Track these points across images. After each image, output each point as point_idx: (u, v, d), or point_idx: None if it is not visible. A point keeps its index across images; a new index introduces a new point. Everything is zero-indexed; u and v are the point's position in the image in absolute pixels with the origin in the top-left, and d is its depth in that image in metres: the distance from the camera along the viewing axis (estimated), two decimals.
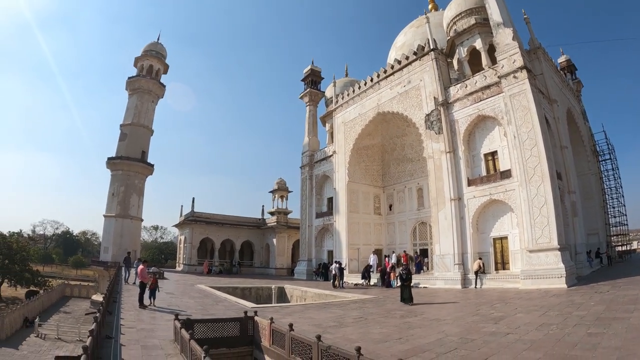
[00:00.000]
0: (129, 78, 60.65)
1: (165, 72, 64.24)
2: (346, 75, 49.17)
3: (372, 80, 35.80)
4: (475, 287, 24.34)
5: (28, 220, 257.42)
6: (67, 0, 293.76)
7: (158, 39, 64.62)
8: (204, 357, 7.96)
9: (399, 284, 20.20)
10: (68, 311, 48.98)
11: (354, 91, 38.35)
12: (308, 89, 47.31)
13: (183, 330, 10.91)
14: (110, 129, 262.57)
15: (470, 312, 15.76)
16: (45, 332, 34.35)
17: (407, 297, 18.76)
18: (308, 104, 47.20)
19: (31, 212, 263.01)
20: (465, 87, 27.23)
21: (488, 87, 25.71)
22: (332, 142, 41.57)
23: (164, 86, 63.22)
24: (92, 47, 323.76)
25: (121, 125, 59.75)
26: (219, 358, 9.04)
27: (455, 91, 27.93)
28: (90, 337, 8.60)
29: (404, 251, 33.68)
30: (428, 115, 29.19)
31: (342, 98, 39.96)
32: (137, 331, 13.47)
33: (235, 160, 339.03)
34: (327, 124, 45.69)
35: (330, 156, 41.13)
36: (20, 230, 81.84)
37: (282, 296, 31.13)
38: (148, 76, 60.81)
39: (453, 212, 26.68)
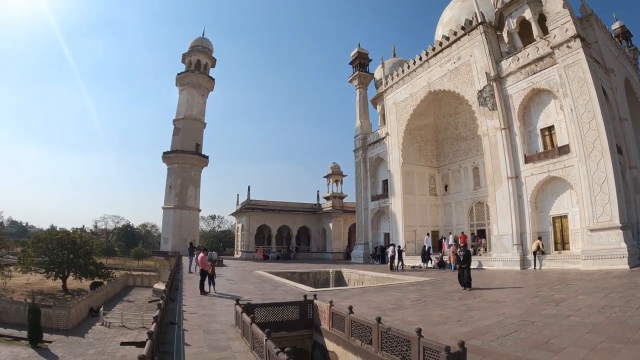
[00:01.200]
0: (179, 74, 63.66)
1: (213, 66, 66.82)
2: (394, 55, 49.40)
3: (420, 59, 36.08)
4: (535, 268, 24.71)
5: (90, 217, 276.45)
6: (110, 7, 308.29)
7: (203, 34, 67.20)
8: (266, 341, 8.30)
9: (457, 266, 20.18)
10: (131, 300, 52.93)
11: (403, 71, 38.76)
12: (356, 72, 47.88)
13: (244, 315, 11.43)
14: (163, 124, 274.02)
15: (529, 293, 15.95)
16: (110, 321, 37.51)
17: (465, 280, 18.28)
18: (358, 87, 47.88)
19: (92, 208, 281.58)
20: (517, 60, 27.18)
21: (541, 58, 25.59)
22: (384, 124, 42.36)
23: (213, 79, 65.82)
24: (138, 48, 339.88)
25: (174, 120, 63.02)
26: (279, 341, 8.99)
27: (507, 65, 27.93)
28: (154, 323, 9.48)
29: (462, 232, 34.28)
30: (480, 91, 29.38)
31: (392, 79, 40.50)
32: (199, 317, 14.43)
33: (289, 147, 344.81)
34: (378, 106, 46.35)
35: (383, 138, 41.95)
36: (83, 226, 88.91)
37: (339, 280, 32.35)
38: (197, 71, 63.44)
39: (510, 190, 26.98)
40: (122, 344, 29.77)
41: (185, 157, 60.78)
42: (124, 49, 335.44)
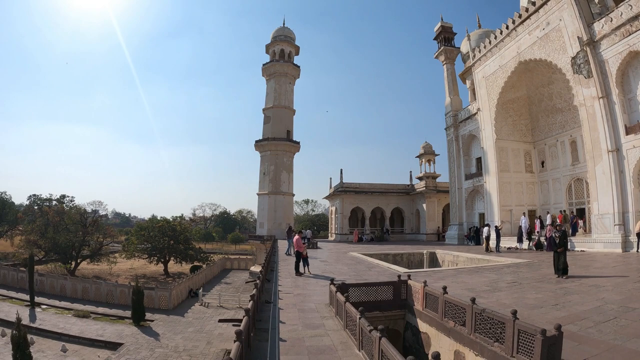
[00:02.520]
0: (264, 65, 66.68)
1: (297, 54, 69.08)
2: (479, 26, 47.93)
3: (507, 27, 35.06)
4: (637, 250, 23.63)
5: (188, 205, 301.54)
6: (192, 8, 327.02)
7: (284, 24, 69.61)
8: (359, 319, 8.65)
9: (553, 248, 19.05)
10: (228, 282, 57.74)
11: (490, 42, 37.92)
12: (442, 47, 47.32)
13: (338, 294, 11.94)
14: (254, 114, 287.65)
15: (632, 278, 15.60)
16: (208, 301, 41.42)
17: (561, 266, 16.96)
18: (444, 62, 47.37)
19: (190, 198, 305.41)
20: (610, 21, 25.61)
21: (635, 17, 23.88)
22: (475, 99, 41.77)
23: (298, 67, 68.11)
24: (223, 44, 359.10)
25: (264, 109, 66.62)
26: (372, 321, 8.82)
27: (599, 27, 26.45)
28: (251, 301, 10.54)
29: (560, 211, 33.36)
30: (574, 58, 28.17)
31: (479, 51, 39.80)
32: (293, 296, 15.60)
33: (379, 128, 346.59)
34: (467, 81, 45.58)
35: (475, 114, 41.46)
36: (182, 215, 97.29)
37: (433, 261, 32.99)
38: (281, 60, 65.99)
39: (611, 165, 25.86)
40: (220, 320, 32.97)
41: (277, 144, 63.88)
42: (209, 46, 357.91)
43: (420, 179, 57.34)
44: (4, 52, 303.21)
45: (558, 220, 29.31)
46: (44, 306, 38.65)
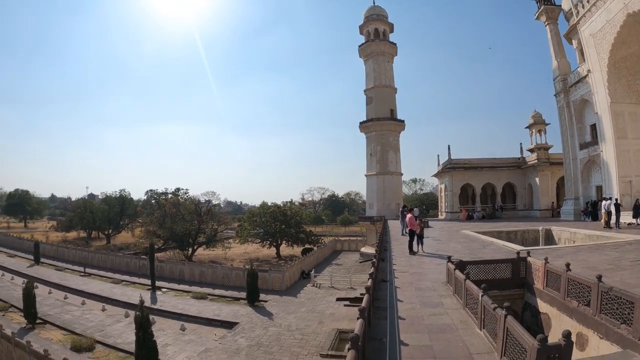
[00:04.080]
0: (360, 46, 67.65)
1: (391, 31, 68.98)
2: None
3: None
4: None
5: (297, 190, 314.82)
6: (279, 3, 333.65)
7: (374, 3, 69.56)
8: (482, 296, 8.73)
9: None
10: (339, 263, 60.10)
11: None
12: (542, 7, 45.16)
13: (457, 272, 12.11)
14: (356, 96, 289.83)
15: None
16: (320, 282, 43.81)
17: None
18: (546, 23, 45.25)
19: (298, 183, 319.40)
20: None
21: None
22: (584, 60, 39.83)
23: (395, 44, 68.11)
24: (313, 31, 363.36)
25: (365, 90, 67.97)
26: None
27: None
28: (370, 279, 11.19)
29: None
30: None
31: (582, 7, 37.81)
32: (409, 275, 16.30)
33: (483, 101, 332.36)
34: (573, 41, 43.37)
35: (585, 77, 39.52)
36: (292, 200, 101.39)
37: (549, 239, 32.62)
38: (376, 39, 66.45)
39: None
40: (338, 299, 35.51)
41: (382, 124, 65.06)
42: (303, 34, 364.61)
43: (531, 151, 55.27)
44: (101, 59, 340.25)
45: None
46: (164, 289, 43.04)
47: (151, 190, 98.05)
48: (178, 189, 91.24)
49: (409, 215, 23.57)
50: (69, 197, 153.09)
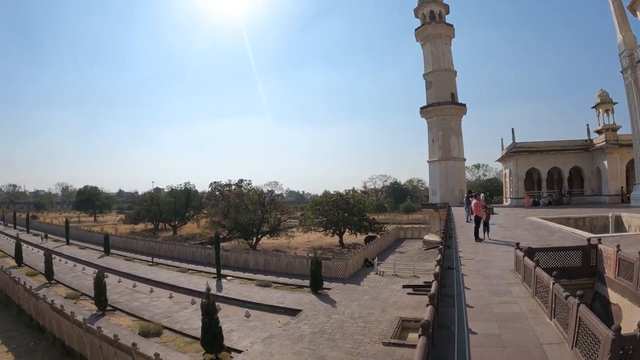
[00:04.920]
0: (416, 29, 66.15)
1: (447, 12, 66.89)
2: None
3: None
4: None
5: (359, 178, 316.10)
6: None
7: None
8: (553, 284, 8.52)
9: None
10: (402, 251, 59.34)
11: None
12: None
13: (526, 259, 11.76)
14: (415, 81, 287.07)
15: None
16: (383, 270, 43.42)
17: None
18: None
19: (360, 171, 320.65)
20: None
21: None
22: None
23: (452, 26, 66.16)
24: (365, 18, 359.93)
25: (424, 75, 66.54)
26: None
27: None
28: (438, 266, 11.19)
29: None
30: None
31: None
32: (475, 262, 16.20)
33: (546, 82, 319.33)
34: (637, 13, 40.83)
35: None
36: (354, 188, 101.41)
37: (618, 226, 31.43)
38: (432, 22, 64.67)
39: None
40: (404, 286, 35.17)
41: (442, 108, 63.37)
42: (358, 22, 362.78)
43: (598, 132, 52.79)
44: (157, 60, 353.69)
45: None
46: (229, 277, 43.89)
47: (215, 182, 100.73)
48: (241, 180, 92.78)
49: (474, 202, 23.19)
50: (135, 191, 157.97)
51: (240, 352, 22.62)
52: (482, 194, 31.93)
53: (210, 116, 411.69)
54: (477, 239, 21.66)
